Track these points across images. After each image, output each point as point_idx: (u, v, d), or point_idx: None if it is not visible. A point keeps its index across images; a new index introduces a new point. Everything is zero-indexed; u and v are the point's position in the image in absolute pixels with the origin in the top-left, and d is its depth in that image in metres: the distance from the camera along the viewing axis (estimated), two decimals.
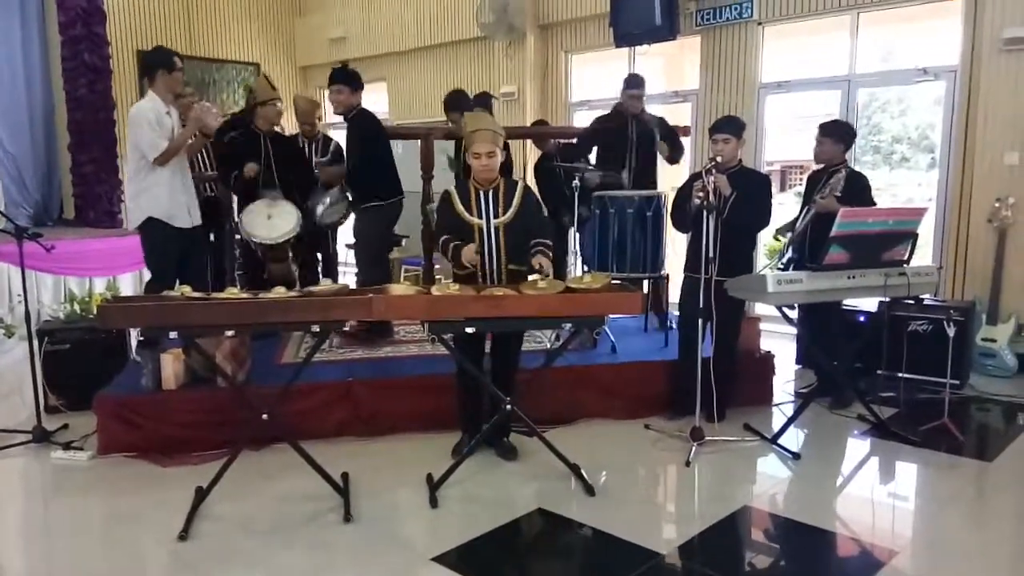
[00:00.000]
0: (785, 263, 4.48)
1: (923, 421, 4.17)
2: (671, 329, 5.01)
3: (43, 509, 3.58)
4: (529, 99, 8.10)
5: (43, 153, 8.41)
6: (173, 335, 3.13)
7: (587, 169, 5.02)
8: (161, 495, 3.43)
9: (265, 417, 3.24)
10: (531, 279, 3.74)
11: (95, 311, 4.31)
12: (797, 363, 5.42)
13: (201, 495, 3.24)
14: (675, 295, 4.56)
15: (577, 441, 3.94)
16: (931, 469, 3.81)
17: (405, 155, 5.85)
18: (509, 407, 3.45)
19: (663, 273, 5.08)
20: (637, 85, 5.23)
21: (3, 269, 6.25)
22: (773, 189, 4.37)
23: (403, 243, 7.19)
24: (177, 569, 2.88)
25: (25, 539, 3.28)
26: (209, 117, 4.54)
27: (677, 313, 4.45)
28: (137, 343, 4.53)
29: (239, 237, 5.26)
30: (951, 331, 4.19)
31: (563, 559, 3.07)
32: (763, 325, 4.84)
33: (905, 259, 3.86)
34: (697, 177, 4.04)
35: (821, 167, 4.55)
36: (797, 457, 3.83)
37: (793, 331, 4.94)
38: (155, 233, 4.44)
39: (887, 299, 3.99)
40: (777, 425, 4.14)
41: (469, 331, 3.30)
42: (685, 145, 6.33)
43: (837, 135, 4.45)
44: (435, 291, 3.35)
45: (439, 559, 2.88)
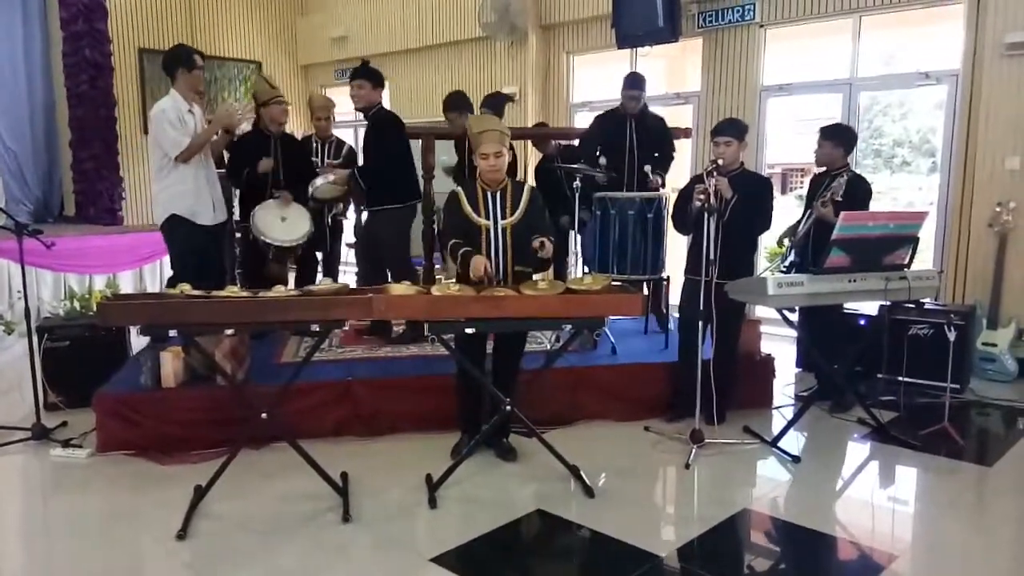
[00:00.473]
0: (787, 266, 4.48)
1: (923, 425, 4.17)
2: (671, 331, 5.01)
3: (41, 507, 3.57)
4: (530, 100, 8.10)
5: (44, 150, 8.40)
6: (172, 333, 3.13)
7: (592, 171, 5.00)
8: (160, 493, 3.42)
9: (264, 416, 3.23)
10: (535, 278, 3.74)
11: (95, 308, 4.32)
12: (797, 366, 5.41)
13: (200, 494, 3.23)
14: (676, 297, 4.56)
15: (577, 442, 3.94)
16: (931, 473, 3.80)
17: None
18: (509, 408, 3.45)
19: (664, 275, 5.07)
20: (635, 85, 5.21)
21: (3, 266, 6.25)
22: (774, 192, 4.37)
23: None
24: (175, 568, 2.88)
25: (23, 537, 3.28)
26: (235, 117, 4.59)
27: (677, 315, 4.45)
28: (147, 344, 4.51)
29: (239, 235, 5.26)
30: (952, 335, 4.19)
31: (562, 561, 3.06)
32: (763, 328, 4.83)
33: (906, 263, 3.86)
34: (698, 179, 4.04)
35: (823, 170, 4.55)
36: (797, 460, 3.83)
37: (793, 334, 4.93)
38: (177, 230, 4.46)
39: (887, 303, 3.99)
40: (777, 428, 4.14)
41: (469, 331, 3.31)
42: (686, 147, 6.34)
43: (838, 139, 4.45)
44: (435, 291, 3.34)
45: (438, 560, 2.88)
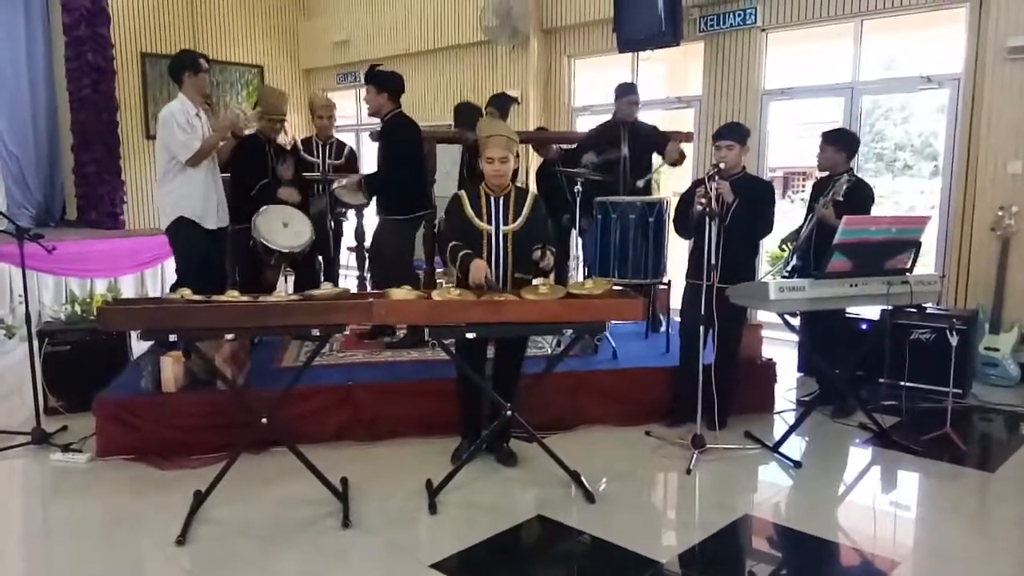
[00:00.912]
0: (789, 271, 4.47)
1: (925, 430, 4.15)
2: (664, 332, 5.01)
3: (41, 511, 3.57)
4: (532, 103, 8.11)
5: (46, 154, 8.43)
6: (173, 338, 3.13)
7: (593, 175, 5.02)
8: (159, 498, 3.41)
9: (264, 421, 3.23)
10: (536, 283, 3.73)
11: (96, 313, 4.31)
12: (799, 371, 5.39)
13: (199, 499, 3.22)
14: (677, 301, 4.55)
15: (577, 447, 3.92)
16: (933, 479, 3.79)
17: None
18: (509, 413, 3.44)
19: (664, 279, 5.06)
20: (631, 91, 5.38)
21: (4, 270, 6.25)
22: (776, 196, 4.36)
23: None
24: (175, 573, 2.87)
25: (23, 541, 3.27)
26: (240, 121, 4.66)
27: (678, 319, 4.44)
28: (148, 348, 4.50)
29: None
30: (954, 340, 4.17)
31: (563, 567, 3.05)
32: (765, 332, 4.83)
33: (908, 267, 3.85)
34: (700, 183, 4.03)
35: (826, 175, 4.54)
36: (798, 465, 3.82)
37: (795, 338, 4.92)
38: (184, 234, 4.47)
39: (889, 307, 3.98)
40: (778, 433, 4.12)
41: (470, 336, 3.30)
42: (687, 151, 6.33)
43: (840, 143, 4.45)
44: (436, 295, 3.33)
45: (438, 565, 2.86)
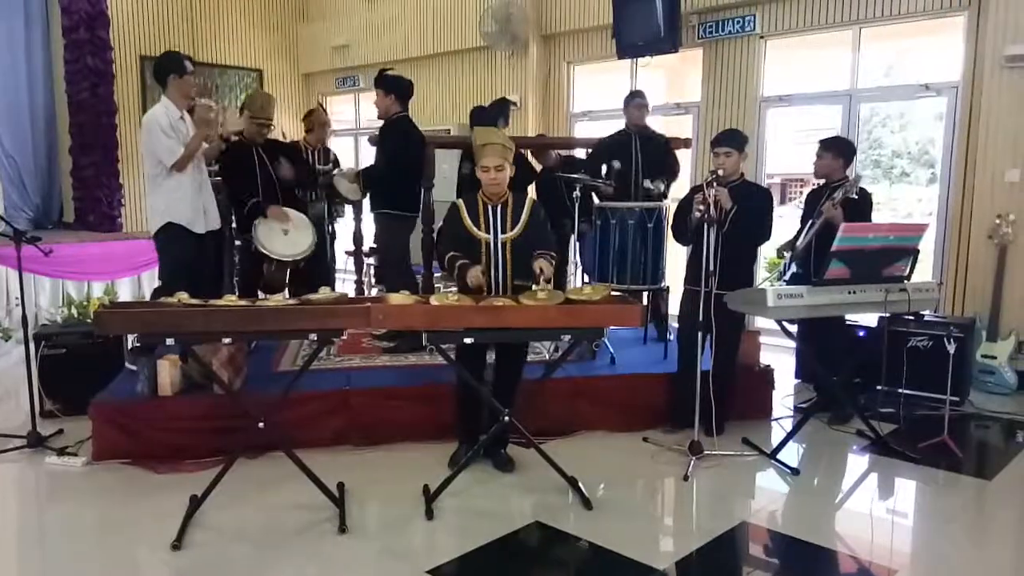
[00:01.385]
0: (788, 278, 4.47)
1: (922, 438, 4.15)
2: (669, 340, 5.00)
3: (36, 515, 3.56)
4: (531, 109, 8.12)
5: (44, 156, 8.41)
6: (170, 342, 3.12)
7: (593, 181, 5.03)
8: (155, 503, 3.40)
9: (261, 425, 3.22)
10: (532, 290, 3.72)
11: (92, 316, 4.30)
12: (796, 377, 5.40)
13: (195, 504, 3.21)
14: (675, 307, 4.55)
15: (575, 453, 3.92)
16: (930, 486, 3.79)
17: None
18: (507, 418, 3.43)
19: (663, 285, 5.06)
20: (639, 95, 5.41)
21: (1, 272, 6.23)
22: (774, 203, 4.36)
23: None
24: None
25: (17, 545, 3.25)
26: (211, 118, 4.57)
27: (676, 325, 4.44)
28: (129, 350, 4.49)
29: (238, 243, 5.25)
30: (951, 347, 4.17)
31: (560, 573, 3.05)
32: (763, 339, 4.82)
33: (906, 275, 3.85)
34: (698, 190, 4.04)
35: (822, 184, 4.55)
36: (796, 472, 3.81)
37: (792, 345, 4.92)
38: (172, 239, 4.40)
39: (887, 315, 3.98)
40: (776, 440, 4.12)
41: (468, 342, 3.29)
42: (686, 156, 6.34)
43: (837, 149, 4.46)
44: (434, 301, 3.33)
45: (435, 571, 2.86)
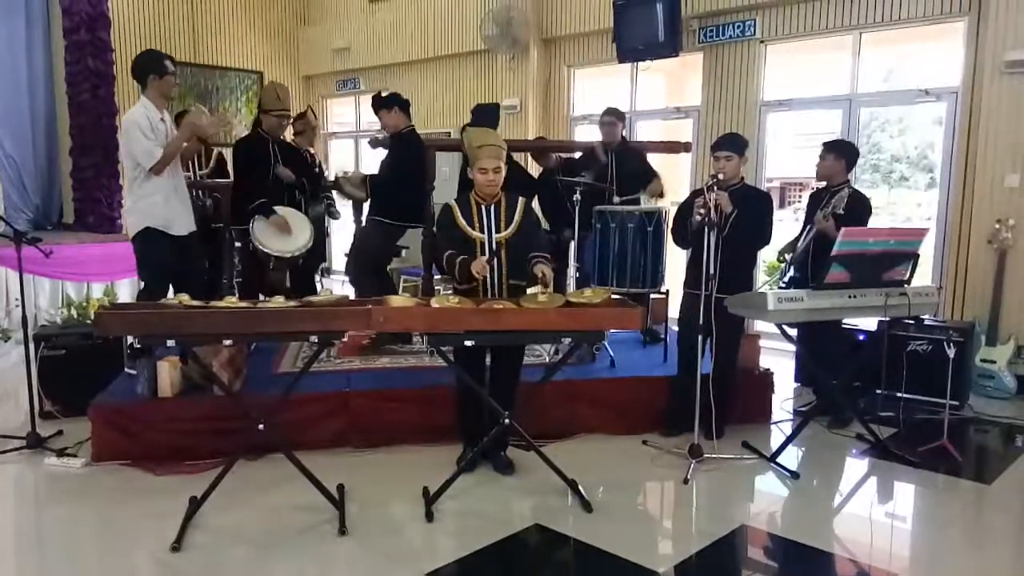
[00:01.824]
0: (787, 282, 4.48)
1: (922, 442, 4.15)
2: (664, 342, 5.01)
3: (35, 516, 3.55)
4: (531, 113, 8.13)
5: (44, 157, 8.40)
6: (170, 343, 3.12)
7: (594, 184, 5.07)
8: (154, 504, 3.39)
9: (261, 427, 3.22)
10: (531, 291, 3.73)
11: (92, 317, 4.29)
12: (796, 381, 5.40)
13: (195, 505, 3.21)
14: (675, 311, 4.55)
15: (575, 456, 3.92)
16: (930, 490, 3.79)
17: None
18: (507, 421, 3.43)
19: (663, 289, 5.07)
20: (609, 112, 5.60)
21: (0, 273, 6.23)
22: (774, 206, 4.37)
23: (403, 254, 7.19)
24: None
25: (16, 547, 3.25)
26: (205, 123, 4.50)
27: (676, 329, 4.44)
28: (129, 352, 4.48)
29: (239, 245, 5.26)
30: (951, 352, 4.18)
31: None
32: (762, 342, 4.83)
33: (906, 279, 3.86)
34: (699, 193, 4.04)
35: (823, 186, 4.56)
36: (796, 476, 3.81)
37: (792, 349, 4.93)
38: (151, 242, 4.33)
39: (887, 319, 3.99)
40: (776, 443, 4.12)
41: (468, 344, 3.29)
42: (686, 161, 6.37)
43: (839, 152, 4.47)
44: (434, 303, 3.33)
45: (434, 574, 2.86)
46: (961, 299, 5.61)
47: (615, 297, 3.67)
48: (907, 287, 3.85)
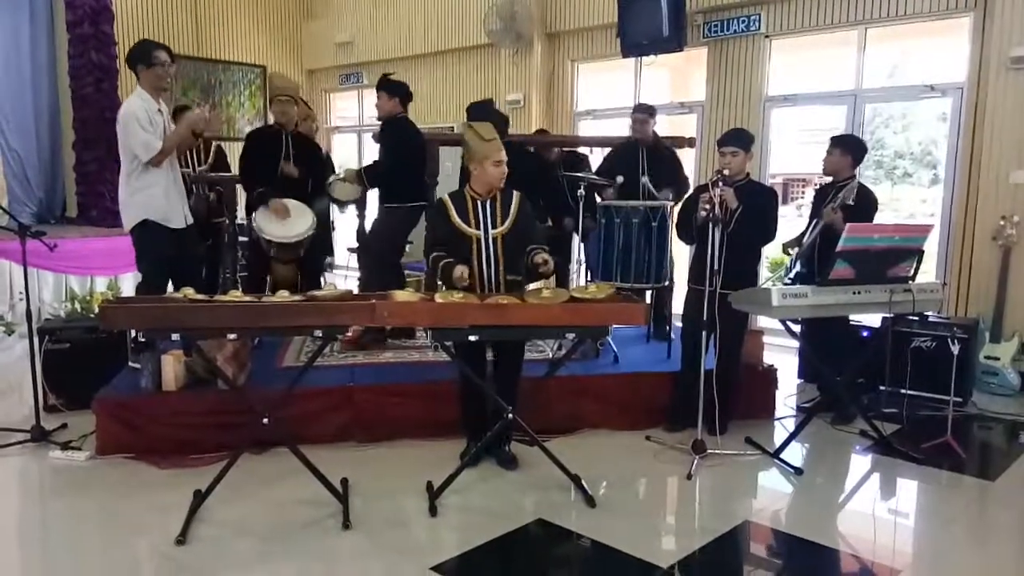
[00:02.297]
0: (793, 277, 4.47)
1: (926, 438, 4.15)
2: (672, 339, 5.00)
3: (40, 510, 3.55)
4: (535, 107, 8.11)
5: (48, 151, 8.41)
6: (175, 337, 3.12)
7: (597, 180, 5.05)
8: (159, 498, 3.40)
9: (266, 422, 3.22)
10: (532, 287, 3.72)
11: (96, 310, 4.29)
12: (799, 377, 5.39)
13: (200, 499, 3.21)
14: (679, 306, 4.55)
15: (578, 451, 3.92)
16: (933, 487, 3.79)
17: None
18: (511, 416, 3.43)
19: (667, 284, 5.06)
20: (639, 109, 5.48)
21: (4, 266, 6.24)
22: (779, 202, 4.36)
23: (408, 248, 7.18)
24: (173, 573, 2.86)
25: (21, 540, 3.26)
26: (203, 123, 4.45)
27: (680, 324, 4.43)
28: (132, 347, 4.48)
29: (244, 239, 5.26)
30: (955, 348, 4.17)
31: (563, 571, 3.05)
32: (765, 338, 4.82)
33: (910, 275, 3.85)
34: (704, 189, 4.04)
35: (829, 182, 4.55)
36: (799, 472, 3.81)
37: (795, 345, 4.92)
38: (149, 236, 4.33)
39: (891, 315, 3.98)
40: (779, 439, 4.13)
41: (473, 339, 3.29)
42: (690, 157, 6.35)
43: (846, 146, 4.47)
44: (438, 298, 3.32)
45: (438, 568, 2.86)
46: (965, 296, 5.60)
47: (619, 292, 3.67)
48: (911, 283, 3.85)
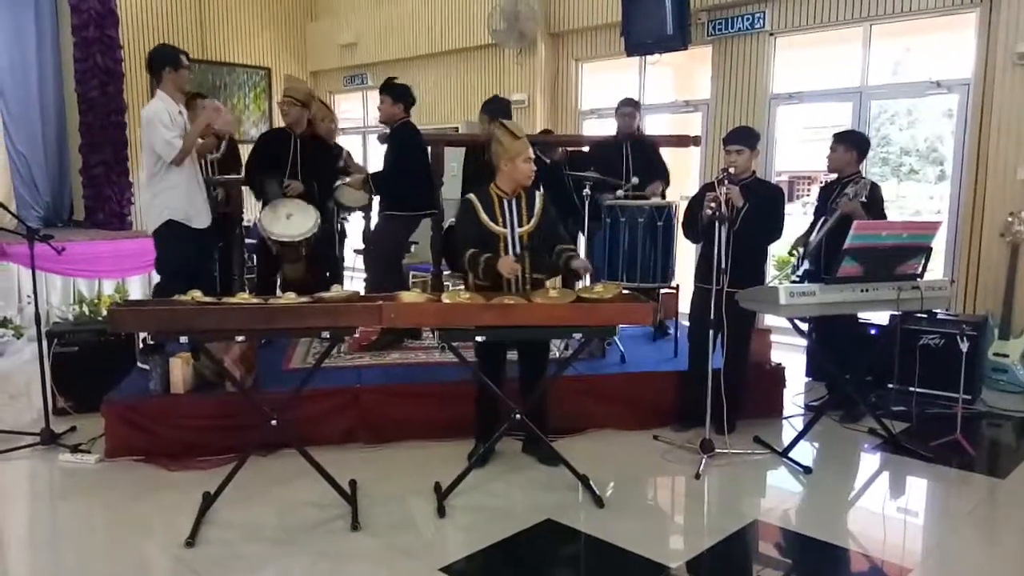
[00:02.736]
0: (801, 275, 4.46)
1: (935, 436, 4.13)
2: (668, 334, 4.99)
3: (50, 512, 3.57)
4: (539, 107, 8.10)
5: (54, 154, 8.44)
6: (183, 339, 3.13)
7: (602, 179, 5.05)
8: (168, 500, 3.42)
9: (274, 423, 3.22)
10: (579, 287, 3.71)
11: (104, 313, 4.31)
12: (807, 376, 5.38)
13: (208, 500, 3.22)
14: (685, 306, 4.54)
15: (586, 451, 3.92)
16: (943, 485, 3.78)
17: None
18: (518, 416, 3.43)
19: (673, 284, 5.05)
20: (625, 104, 5.57)
21: (13, 270, 6.26)
22: (785, 200, 4.34)
23: (412, 249, 7.19)
24: (183, 575, 2.86)
25: (31, 542, 3.27)
26: (218, 117, 4.51)
27: (687, 323, 4.43)
28: (140, 349, 4.50)
29: (251, 240, 5.27)
30: (963, 346, 4.15)
31: (571, 571, 3.05)
32: (773, 337, 4.81)
33: (919, 273, 3.84)
34: (710, 187, 4.02)
35: (834, 178, 4.53)
36: (808, 471, 3.80)
37: (803, 343, 4.90)
38: (172, 236, 4.39)
39: (899, 313, 3.97)
40: (787, 438, 4.11)
41: (479, 340, 3.29)
42: (695, 155, 6.33)
43: (850, 142, 4.46)
44: (445, 299, 3.33)
45: (447, 569, 2.86)
46: (973, 293, 5.58)
47: (625, 292, 3.66)
48: (920, 281, 3.83)
